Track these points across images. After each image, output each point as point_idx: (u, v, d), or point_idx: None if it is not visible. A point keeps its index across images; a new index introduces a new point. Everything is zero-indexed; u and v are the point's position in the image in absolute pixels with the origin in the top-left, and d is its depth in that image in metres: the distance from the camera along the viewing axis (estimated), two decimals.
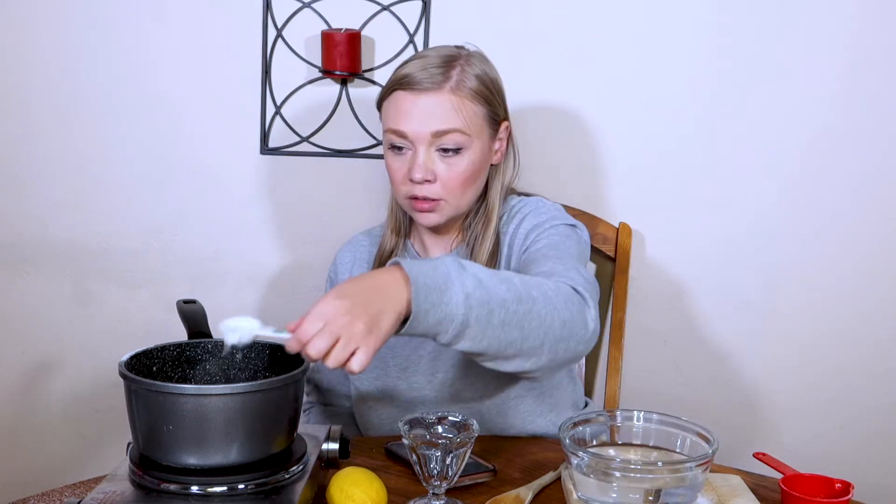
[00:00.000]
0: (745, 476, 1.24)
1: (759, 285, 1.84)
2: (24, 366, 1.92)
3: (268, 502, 1.02)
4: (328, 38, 1.75)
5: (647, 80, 1.80)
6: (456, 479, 1.11)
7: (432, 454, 1.08)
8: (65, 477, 1.82)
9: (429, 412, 1.16)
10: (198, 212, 1.88)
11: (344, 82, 1.82)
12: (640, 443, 1.18)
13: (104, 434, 1.93)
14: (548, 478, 1.23)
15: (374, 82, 1.82)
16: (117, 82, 1.83)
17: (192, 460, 1.03)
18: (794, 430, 1.88)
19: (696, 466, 1.06)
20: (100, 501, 1.00)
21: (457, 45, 1.43)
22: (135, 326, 1.91)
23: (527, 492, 1.18)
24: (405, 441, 1.10)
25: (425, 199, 1.38)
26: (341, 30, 1.75)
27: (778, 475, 1.20)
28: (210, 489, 1.03)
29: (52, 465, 1.94)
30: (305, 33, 1.81)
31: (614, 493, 1.06)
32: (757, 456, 1.26)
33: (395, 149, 1.39)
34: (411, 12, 1.80)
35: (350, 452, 1.18)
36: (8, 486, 1.90)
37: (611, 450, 1.17)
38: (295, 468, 1.08)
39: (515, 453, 1.32)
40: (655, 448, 1.17)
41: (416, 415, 1.14)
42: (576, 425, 1.16)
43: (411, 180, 1.37)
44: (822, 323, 1.84)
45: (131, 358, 1.10)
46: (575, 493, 1.11)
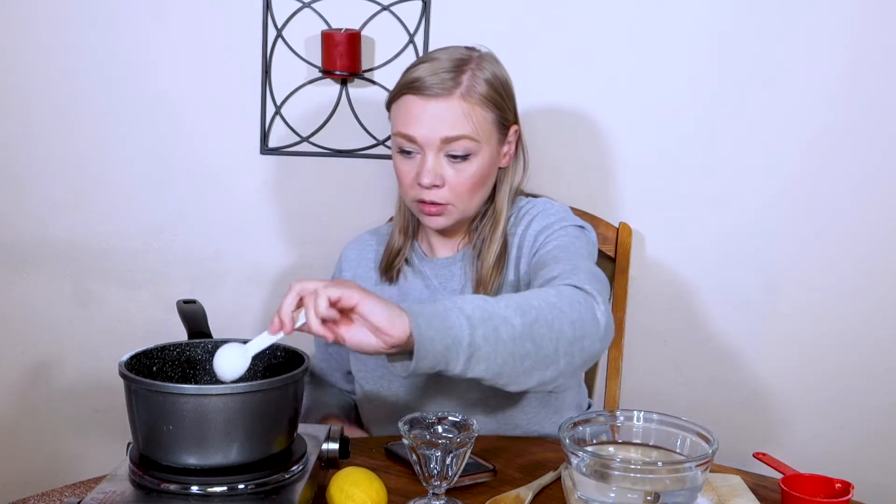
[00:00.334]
0: (745, 476, 1.24)
1: (759, 285, 1.84)
2: (24, 366, 1.92)
3: (268, 502, 1.02)
4: (328, 38, 1.75)
5: (648, 80, 1.80)
6: (456, 479, 1.11)
7: (432, 454, 1.08)
8: (65, 477, 1.82)
9: (429, 412, 1.16)
10: (198, 212, 1.88)
11: (344, 82, 1.82)
12: (640, 442, 1.18)
13: (104, 434, 1.93)
14: (548, 478, 1.22)
15: (374, 82, 1.82)
16: (117, 82, 1.83)
17: (192, 460, 1.03)
18: (793, 430, 1.88)
19: (696, 466, 1.06)
20: (100, 501, 1.00)
21: (468, 47, 1.41)
22: (135, 326, 1.91)
23: (527, 492, 1.17)
24: (405, 441, 1.10)
25: (433, 203, 1.37)
26: (341, 30, 1.75)
27: (778, 475, 1.20)
28: (210, 489, 1.03)
29: (52, 465, 1.94)
30: (305, 33, 1.81)
31: (614, 493, 1.06)
32: (757, 456, 1.26)
33: (403, 152, 1.39)
34: (411, 12, 1.80)
35: (350, 452, 1.18)
36: (8, 486, 1.91)
37: (611, 449, 1.17)
38: (295, 468, 1.08)
39: (515, 453, 1.32)
40: (655, 448, 1.17)
41: (416, 415, 1.14)
42: (576, 425, 1.16)
43: (419, 184, 1.37)
44: (822, 323, 1.84)
45: (131, 358, 1.10)
46: (575, 493, 1.11)
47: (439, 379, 1.41)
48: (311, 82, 1.83)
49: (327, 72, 1.78)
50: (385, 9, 1.80)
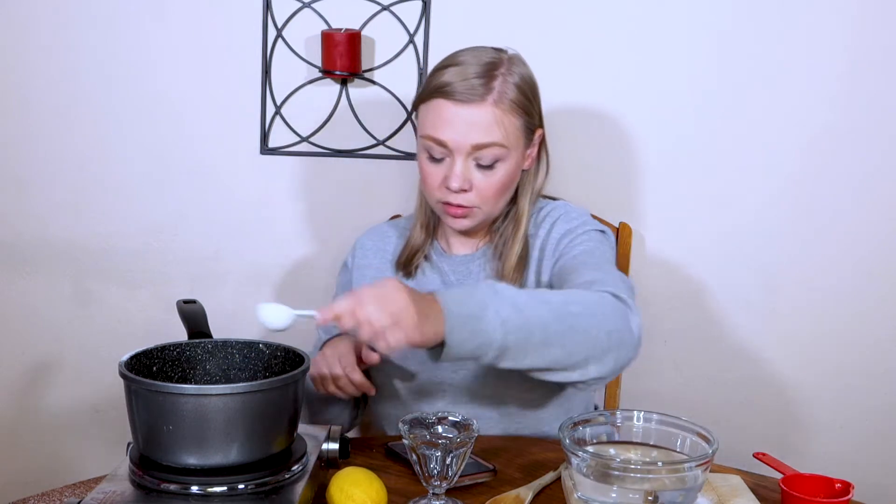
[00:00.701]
0: (745, 476, 1.24)
1: (760, 285, 1.84)
2: (24, 366, 1.92)
3: (268, 502, 1.02)
4: (328, 38, 1.75)
5: (647, 80, 1.80)
6: (456, 479, 1.11)
7: (432, 454, 1.08)
8: (65, 477, 1.82)
9: (429, 412, 1.16)
10: (198, 212, 1.88)
11: (344, 82, 1.82)
12: (640, 442, 1.18)
13: (104, 434, 1.93)
14: (548, 478, 1.22)
15: (374, 82, 1.82)
16: (117, 82, 1.83)
17: (192, 460, 1.03)
18: (794, 431, 1.88)
19: (696, 466, 1.06)
20: (100, 501, 1.00)
21: (496, 48, 1.40)
22: (135, 326, 1.91)
23: (527, 492, 1.17)
24: (405, 441, 1.10)
25: (459, 206, 1.38)
26: (341, 30, 1.75)
27: (778, 475, 1.20)
28: (210, 489, 1.03)
29: (52, 465, 1.94)
30: (305, 33, 1.81)
31: (614, 493, 1.06)
32: (757, 456, 1.26)
33: (431, 156, 1.38)
34: (411, 12, 1.80)
35: (350, 452, 1.18)
36: (8, 486, 1.91)
37: (611, 449, 1.17)
38: (295, 468, 1.08)
39: (515, 453, 1.32)
40: (655, 448, 1.17)
41: (416, 415, 1.14)
42: (576, 425, 1.16)
43: (447, 188, 1.36)
44: (822, 323, 1.84)
45: (131, 358, 1.10)
46: (575, 493, 1.11)
47: (454, 375, 1.41)
48: (311, 82, 1.83)
49: (327, 72, 1.78)
50: (385, 9, 1.80)
